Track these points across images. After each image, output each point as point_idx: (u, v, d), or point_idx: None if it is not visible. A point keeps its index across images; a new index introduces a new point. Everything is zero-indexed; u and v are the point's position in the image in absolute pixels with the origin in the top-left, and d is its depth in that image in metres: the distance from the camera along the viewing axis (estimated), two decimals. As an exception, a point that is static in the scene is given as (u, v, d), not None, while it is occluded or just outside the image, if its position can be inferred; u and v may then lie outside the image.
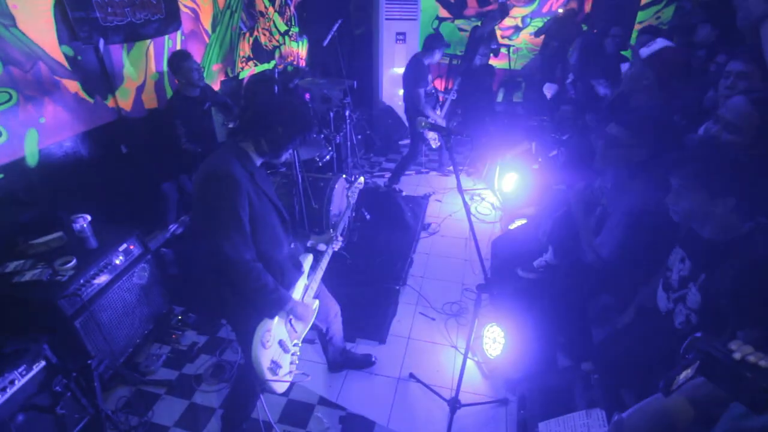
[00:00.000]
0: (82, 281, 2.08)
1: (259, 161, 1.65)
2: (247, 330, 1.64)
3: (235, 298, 1.66)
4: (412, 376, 2.42)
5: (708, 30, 3.64)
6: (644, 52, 2.15)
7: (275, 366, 1.71)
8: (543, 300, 2.46)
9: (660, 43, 2.14)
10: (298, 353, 1.89)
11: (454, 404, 2.04)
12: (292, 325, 1.85)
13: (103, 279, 2.20)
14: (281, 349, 1.77)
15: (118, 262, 2.30)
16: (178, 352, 2.55)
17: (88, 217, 2.24)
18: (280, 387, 1.77)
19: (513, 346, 2.37)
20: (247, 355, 1.64)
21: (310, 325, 1.95)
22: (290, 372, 1.83)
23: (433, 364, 2.52)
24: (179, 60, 3.04)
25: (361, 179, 2.32)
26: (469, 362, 2.45)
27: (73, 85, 2.66)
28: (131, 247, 2.40)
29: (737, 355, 0.89)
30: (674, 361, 1.53)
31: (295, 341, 1.88)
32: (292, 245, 1.89)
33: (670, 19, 5.76)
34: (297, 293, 1.84)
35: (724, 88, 1.94)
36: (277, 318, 1.72)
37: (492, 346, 2.47)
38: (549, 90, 4.67)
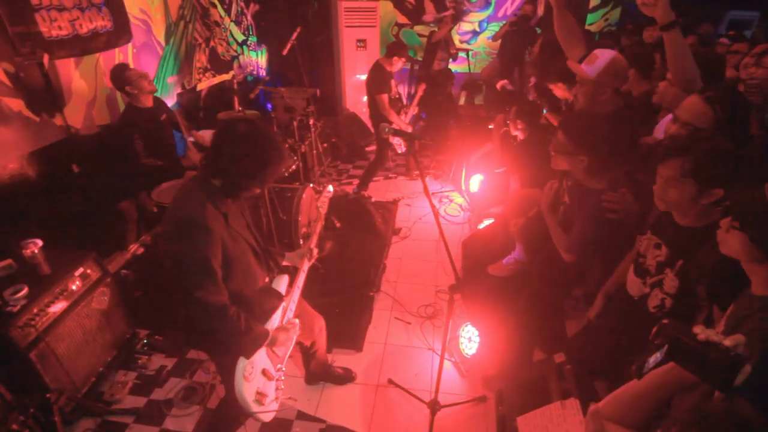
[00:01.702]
0: (35, 310, 1.96)
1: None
2: (228, 366, 1.59)
3: (212, 340, 1.62)
4: (390, 381, 2.41)
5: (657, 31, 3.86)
6: (591, 71, 2.18)
7: (261, 396, 1.66)
8: (516, 297, 2.51)
9: (606, 55, 2.18)
10: (283, 377, 1.84)
11: (434, 406, 2.04)
12: (273, 351, 1.79)
13: (58, 306, 2.07)
14: (265, 377, 1.72)
15: (74, 287, 2.17)
16: (145, 378, 2.44)
17: (40, 242, 2.11)
18: (268, 416, 1.73)
19: (488, 344, 2.40)
20: (229, 390, 1.59)
21: (291, 348, 1.90)
22: (276, 397, 1.79)
23: (411, 368, 2.52)
24: (119, 72, 2.93)
25: (330, 187, 2.29)
26: (446, 363, 2.48)
27: (16, 104, 2.51)
28: (88, 270, 2.28)
29: (702, 337, 0.93)
30: (646, 343, 1.59)
31: (279, 365, 1.83)
32: (267, 279, 1.84)
33: (617, 21, 6.08)
34: (275, 318, 1.79)
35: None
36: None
37: (468, 345, 2.50)
38: (506, 84, 4.81)
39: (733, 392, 0.88)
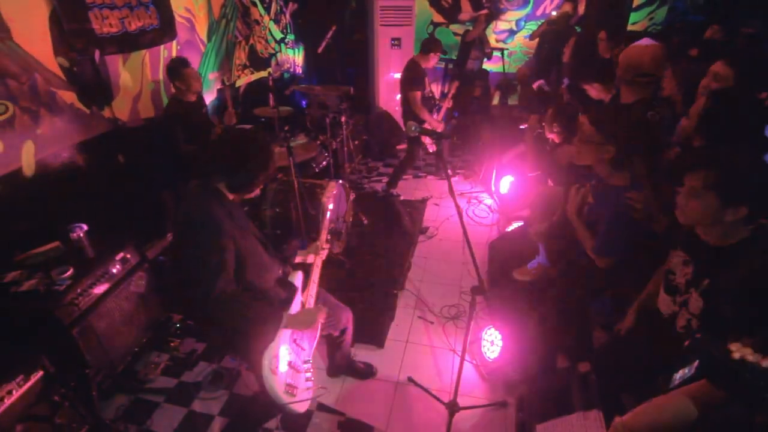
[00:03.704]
0: (79, 291, 2.09)
1: (231, 197, 1.70)
2: (256, 360, 1.66)
3: (236, 333, 1.72)
4: (410, 380, 2.41)
5: (719, 32, 3.66)
6: None
7: (291, 388, 1.72)
8: (541, 302, 2.47)
9: (637, 42, 2.20)
10: (311, 369, 1.89)
11: (453, 408, 2.04)
12: (297, 344, 1.85)
13: (100, 288, 2.20)
14: (292, 370, 1.77)
15: (115, 270, 2.30)
16: (176, 360, 2.55)
17: (85, 227, 2.25)
18: (301, 407, 1.78)
19: (511, 348, 2.37)
20: (260, 384, 1.66)
21: (317, 340, 1.96)
22: (307, 389, 1.84)
23: (431, 368, 2.52)
24: (179, 66, 3.06)
25: (333, 184, 2.40)
26: (467, 365, 2.46)
27: (69, 96, 2.68)
28: (128, 255, 2.41)
29: (737, 355, 0.89)
30: (675, 364, 1.53)
31: (306, 359, 1.88)
32: (281, 271, 1.92)
33: (663, 20, 5.81)
34: (293, 310, 1.86)
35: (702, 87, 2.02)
36: (280, 342, 1.73)
37: (490, 348, 2.47)
38: (543, 85, 4.70)
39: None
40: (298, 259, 2.11)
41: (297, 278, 1.97)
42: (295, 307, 1.86)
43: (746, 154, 1.41)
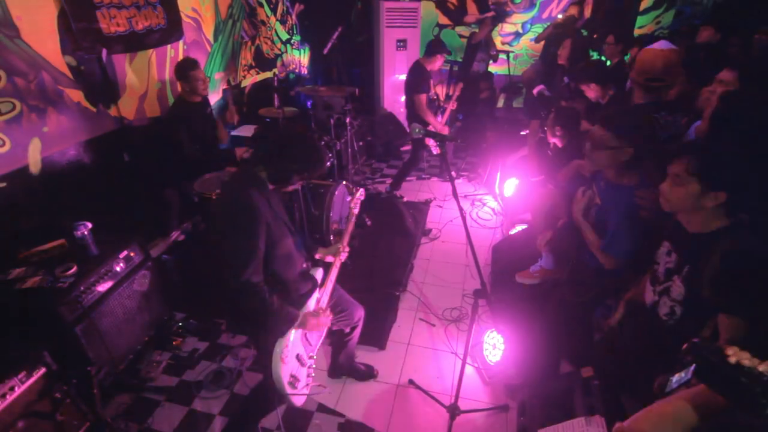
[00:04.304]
0: (82, 288, 2.10)
1: (271, 187, 1.73)
2: (267, 347, 1.70)
3: (253, 317, 1.76)
4: (411, 382, 2.41)
5: (711, 33, 3.67)
6: None
7: (294, 380, 1.76)
8: (544, 306, 2.45)
9: (653, 45, 2.18)
10: (314, 365, 1.93)
11: (454, 411, 2.03)
12: (306, 339, 1.89)
13: (103, 286, 2.21)
14: (299, 363, 1.81)
15: (118, 269, 2.31)
16: (178, 359, 2.56)
17: (90, 225, 2.26)
18: (299, 400, 1.82)
19: (513, 352, 2.36)
20: (267, 372, 1.69)
21: (323, 337, 1.99)
22: (307, 384, 1.88)
23: (432, 371, 2.51)
24: (187, 68, 3.06)
25: (362, 191, 2.38)
26: (469, 368, 2.45)
27: (76, 95, 2.70)
28: (132, 254, 2.41)
29: (733, 359, 0.89)
30: (663, 353, 1.54)
31: (311, 354, 1.92)
32: (305, 265, 1.95)
33: (670, 24, 5.79)
34: (310, 304, 1.90)
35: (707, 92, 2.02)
36: (293, 334, 1.77)
37: (492, 352, 2.46)
38: (543, 90, 4.67)
39: (765, 418, 0.84)
40: (317, 256, 2.14)
41: (318, 273, 2.02)
42: (311, 302, 1.90)
43: (728, 144, 1.47)
